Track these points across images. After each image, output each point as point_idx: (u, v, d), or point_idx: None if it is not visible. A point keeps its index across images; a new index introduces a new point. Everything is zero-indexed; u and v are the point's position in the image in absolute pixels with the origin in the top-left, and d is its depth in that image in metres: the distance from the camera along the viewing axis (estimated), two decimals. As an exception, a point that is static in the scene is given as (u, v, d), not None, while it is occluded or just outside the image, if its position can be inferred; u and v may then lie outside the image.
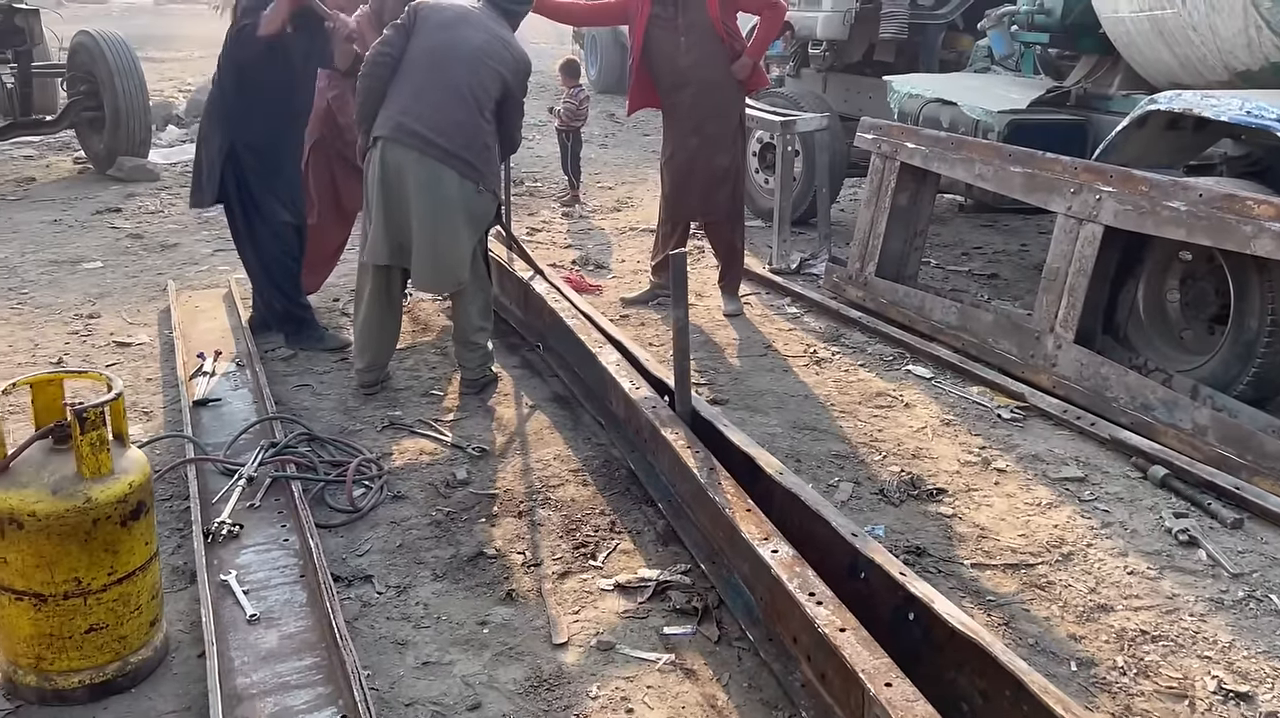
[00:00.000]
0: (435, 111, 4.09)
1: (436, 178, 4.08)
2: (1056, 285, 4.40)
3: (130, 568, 2.51)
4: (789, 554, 2.65)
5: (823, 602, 2.44)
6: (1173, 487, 3.62)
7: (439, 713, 2.52)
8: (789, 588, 2.50)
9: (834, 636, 2.30)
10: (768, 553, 2.65)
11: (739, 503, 2.91)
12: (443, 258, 4.18)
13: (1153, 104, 4.38)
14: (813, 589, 2.49)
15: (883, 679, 2.15)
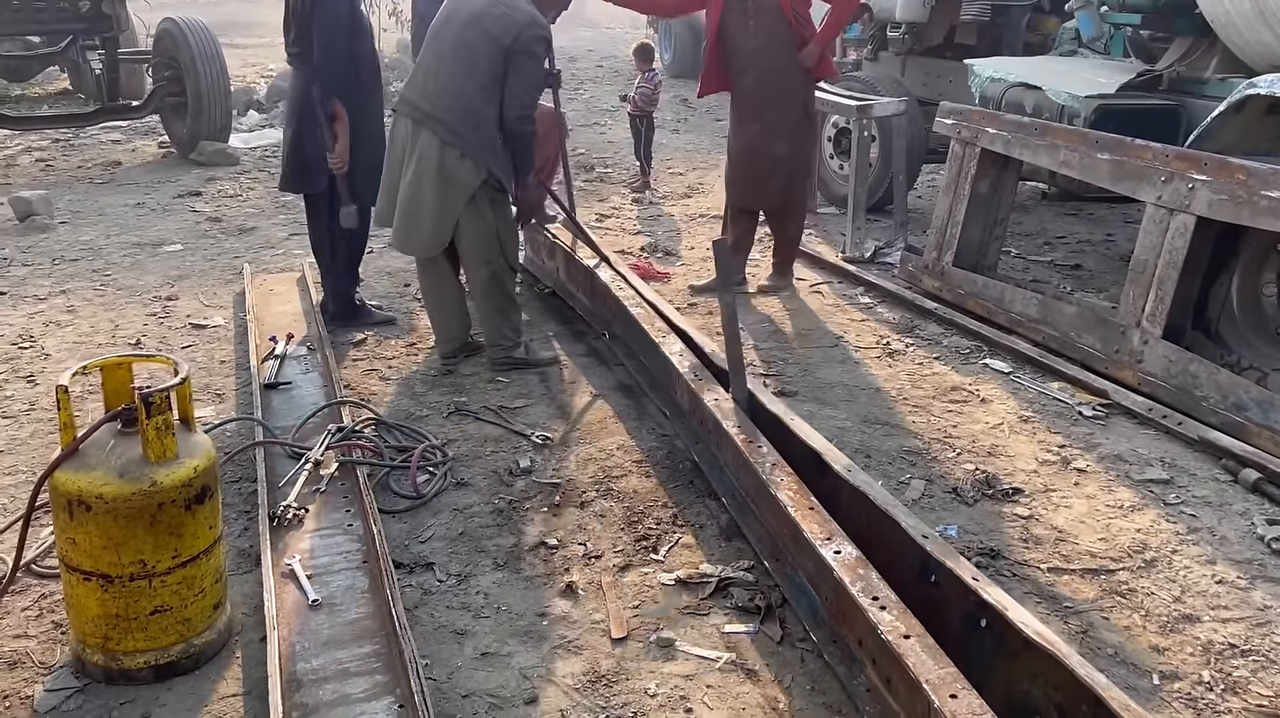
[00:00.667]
0: (427, 79, 4.26)
1: (419, 142, 4.21)
2: (1144, 278, 4.21)
3: (195, 551, 2.53)
4: (852, 556, 2.56)
5: (886, 606, 2.35)
6: (1266, 492, 3.44)
7: (495, 706, 2.50)
8: (852, 592, 2.42)
9: (898, 643, 2.22)
10: (830, 554, 2.57)
11: (801, 501, 2.83)
12: (410, 219, 4.29)
13: (1252, 88, 4.16)
14: (876, 593, 2.40)
15: (948, 691, 2.06)
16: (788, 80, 5.33)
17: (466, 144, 4.18)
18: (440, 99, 4.22)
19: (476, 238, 4.36)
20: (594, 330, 4.98)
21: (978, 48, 7.02)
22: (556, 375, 4.51)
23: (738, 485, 3.29)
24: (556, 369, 4.57)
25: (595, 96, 13.52)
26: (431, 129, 4.20)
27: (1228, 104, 4.29)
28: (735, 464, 3.28)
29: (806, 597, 2.77)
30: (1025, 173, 5.52)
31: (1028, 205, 7.68)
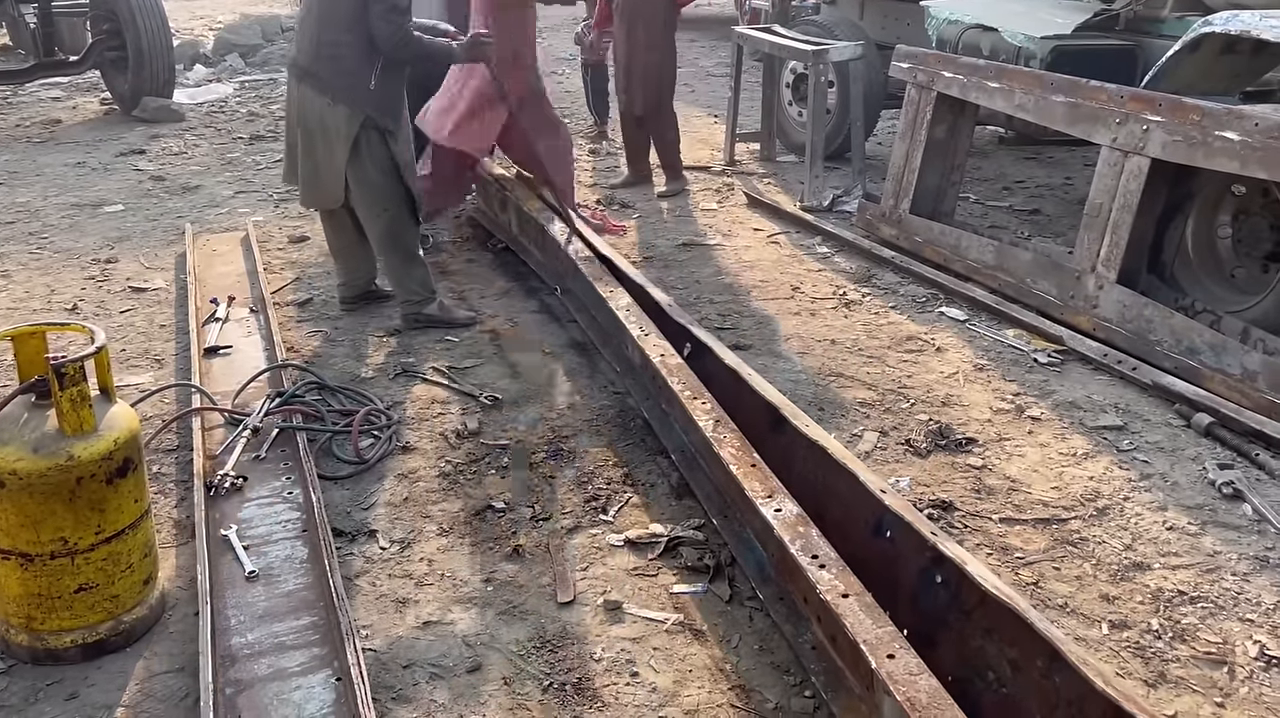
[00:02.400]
0: (301, 35, 4.26)
1: (302, 97, 4.20)
2: (1099, 222, 4.17)
3: (119, 527, 2.44)
4: (793, 513, 2.51)
5: (826, 564, 2.30)
6: (1218, 436, 3.43)
7: (437, 675, 2.44)
8: (791, 550, 2.37)
9: (836, 602, 2.17)
10: (770, 512, 2.51)
11: (744, 458, 2.77)
12: (308, 174, 4.30)
13: (1207, 25, 4.10)
14: (816, 552, 2.35)
15: (885, 651, 2.02)
16: (653, 2, 6.29)
17: (336, 91, 4.11)
18: (310, 50, 4.16)
19: (364, 188, 4.27)
20: (547, 286, 4.88)
21: (936, -11, 6.88)
22: (507, 333, 4.41)
23: (686, 441, 3.23)
24: (477, 324, 4.46)
25: (554, 45, 13.23)
26: (308, 83, 4.16)
27: (1183, 43, 4.22)
28: (684, 420, 3.22)
29: (754, 553, 2.72)
30: (982, 117, 5.43)
31: (987, 150, 7.61)
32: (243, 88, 10.58)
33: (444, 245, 5.55)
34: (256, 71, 11.44)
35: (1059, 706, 2.13)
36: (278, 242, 5.66)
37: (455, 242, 5.65)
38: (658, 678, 2.42)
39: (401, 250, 4.38)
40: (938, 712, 1.88)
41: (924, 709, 1.88)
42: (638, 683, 2.41)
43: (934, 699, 1.91)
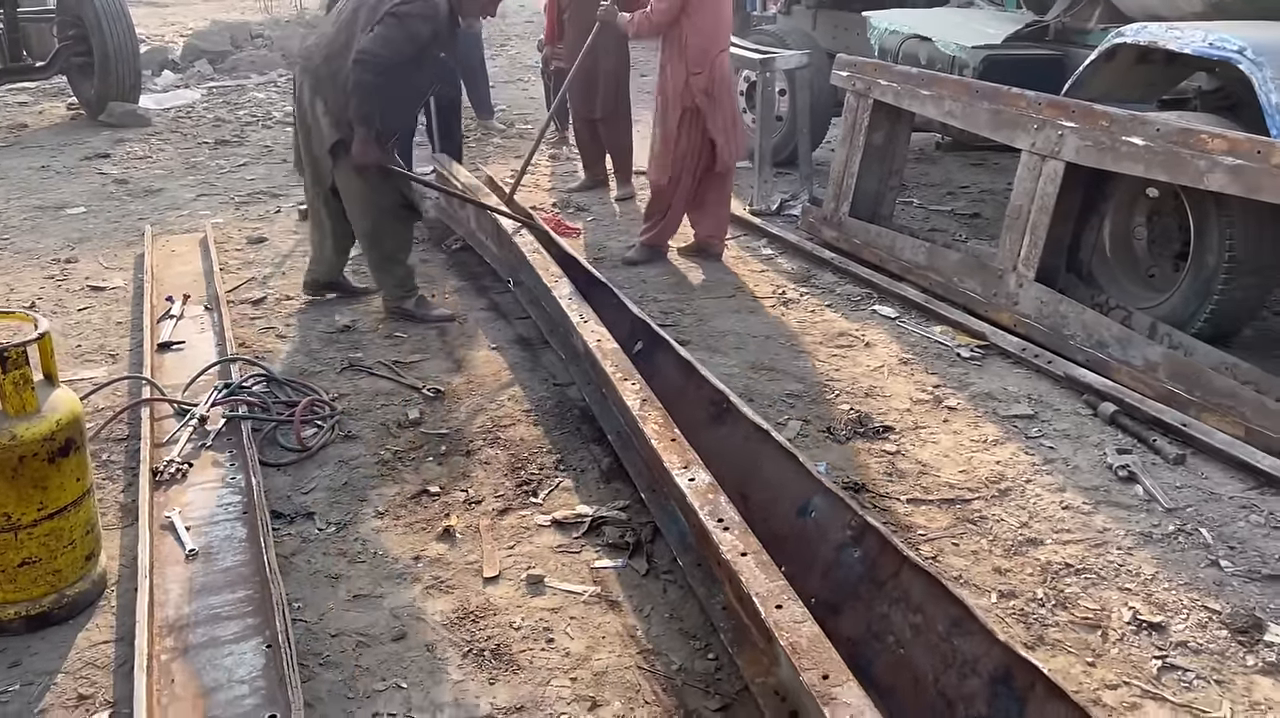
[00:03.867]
0: (321, 31, 4.52)
1: (301, 86, 4.44)
2: (1019, 223, 4.37)
3: (61, 504, 2.57)
4: (705, 482, 2.68)
5: (729, 527, 2.48)
6: (1121, 423, 3.62)
7: (364, 643, 2.58)
8: (700, 515, 2.54)
9: (735, 560, 2.35)
10: (685, 481, 2.69)
11: (665, 433, 2.95)
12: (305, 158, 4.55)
13: (1119, 37, 4.31)
14: (721, 516, 2.53)
15: (775, 602, 2.20)
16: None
17: (328, 99, 4.30)
18: (322, 50, 4.34)
19: (349, 193, 4.45)
20: (500, 281, 5.03)
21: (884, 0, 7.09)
22: (455, 330, 4.56)
23: (621, 423, 3.40)
24: (454, 325, 4.62)
25: (521, 53, 13.42)
26: (308, 78, 4.37)
27: (1098, 53, 4.43)
28: (616, 401, 3.38)
29: (676, 524, 2.88)
30: (919, 124, 5.63)
31: (935, 157, 7.82)
32: (210, 94, 10.68)
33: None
34: (225, 78, 11.54)
35: (953, 664, 2.31)
36: (236, 243, 5.79)
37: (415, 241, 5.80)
38: (572, 644, 2.58)
39: (379, 251, 4.57)
40: (816, 655, 2.06)
41: (804, 653, 2.07)
42: (553, 648, 2.56)
43: (814, 644, 2.10)
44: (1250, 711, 2.34)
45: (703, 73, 5.10)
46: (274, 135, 8.68)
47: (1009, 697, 2.20)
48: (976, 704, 2.25)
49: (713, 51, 5.12)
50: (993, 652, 2.24)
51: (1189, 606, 2.69)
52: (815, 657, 2.06)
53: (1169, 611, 2.67)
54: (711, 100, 5.15)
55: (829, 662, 2.05)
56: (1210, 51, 3.90)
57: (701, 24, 5.07)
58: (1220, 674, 2.45)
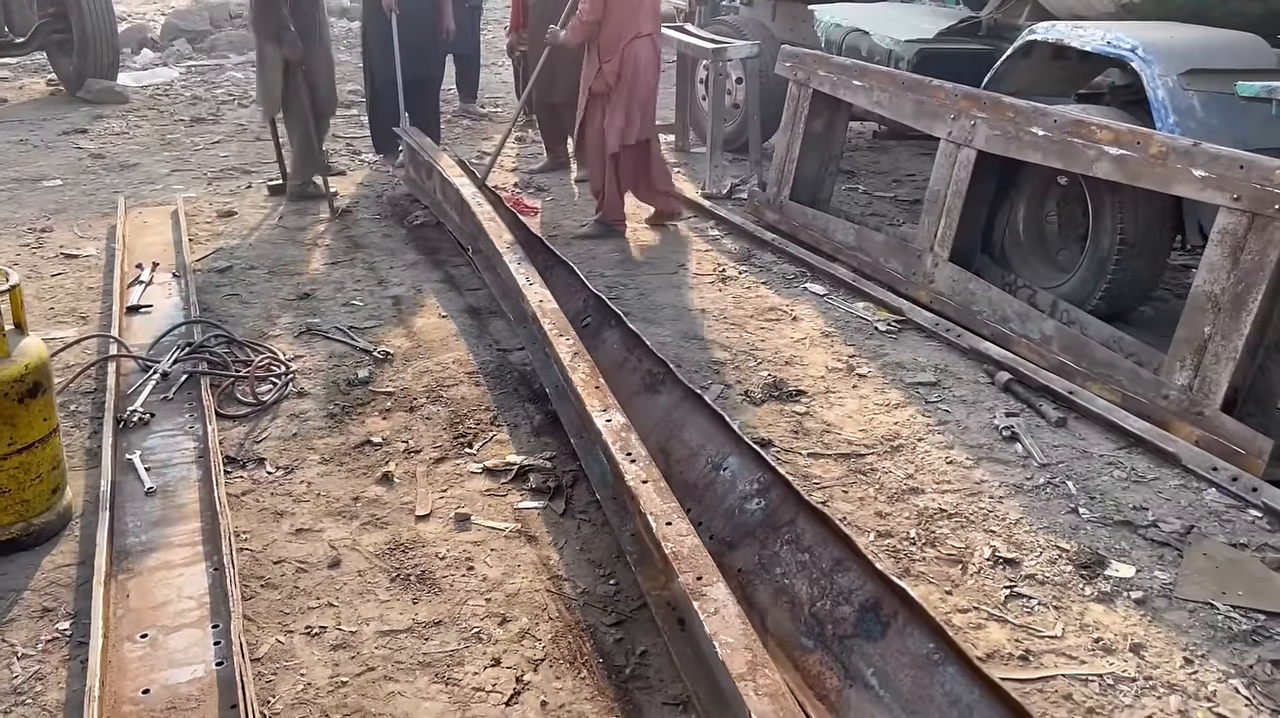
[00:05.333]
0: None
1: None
2: (936, 207, 4.68)
3: (29, 440, 2.85)
4: (620, 423, 3.01)
5: (636, 460, 2.80)
6: (1013, 390, 3.94)
7: (302, 569, 2.88)
8: (612, 449, 2.85)
9: (637, 487, 2.68)
10: (602, 421, 3.01)
11: (591, 381, 3.27)
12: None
13: (1031, 34, 4.61)
14: (630, 450, 2.85)
15: (665, 519, 2.52)
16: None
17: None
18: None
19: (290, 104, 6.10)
20: (456, 255, 5.32)
21: (839, -7, 7.38)
22: (409, 299, 4.84)
23: (558, 377, 3.69)
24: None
25: (496, 37, 13.62)
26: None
27: (1014, 49, 4.74)
28: (554, 356, 3.68)
29: (598, 464, 3.19)
30: (859, 113, 5.93)
31: (888, 147, 8.13)
32: (189, 72, 10.89)
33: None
34: (203, 57, 11.74)
35: (829, 593, 2.62)
36: (206, 216, 6.05)
37: (378, 218, 6.08)
38: (490, 571, 2.88)
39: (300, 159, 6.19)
40: (693, 561, 2.40)
41: (684, 559, 2.42)
42: (472, 575, 2.86)
43: (692, 553, 2.44)
44: (1080, 631, 2.67)
45: (612, 59, 5.43)
46: (249, 114, 8.91)
47: (874, 621, 2.51)
48: (844, 626, 2.57)
49: (624, 38, 5.43)
50: (866, 585, 2.55)
51: (1044, 545, 3.01)
52: (692, 562, 2.39)
53: (1024, 549, 2.99)
54: (619, 83, 5.47)
55: (704, 567, 2.38)
56: (1108, 49, 4.21)
57: (616, 15, 5.38)
58: (1059, 602, 2.78)
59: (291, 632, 2.62)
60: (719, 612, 2.21)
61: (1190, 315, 3.55)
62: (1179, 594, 2.80)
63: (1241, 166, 3.38)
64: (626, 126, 5.54)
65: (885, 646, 2.36)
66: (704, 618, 2.19)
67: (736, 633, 2.14)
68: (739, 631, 2.15)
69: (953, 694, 2.16)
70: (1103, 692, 2.46)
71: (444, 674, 2.48)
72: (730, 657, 2.06)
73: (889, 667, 2.31)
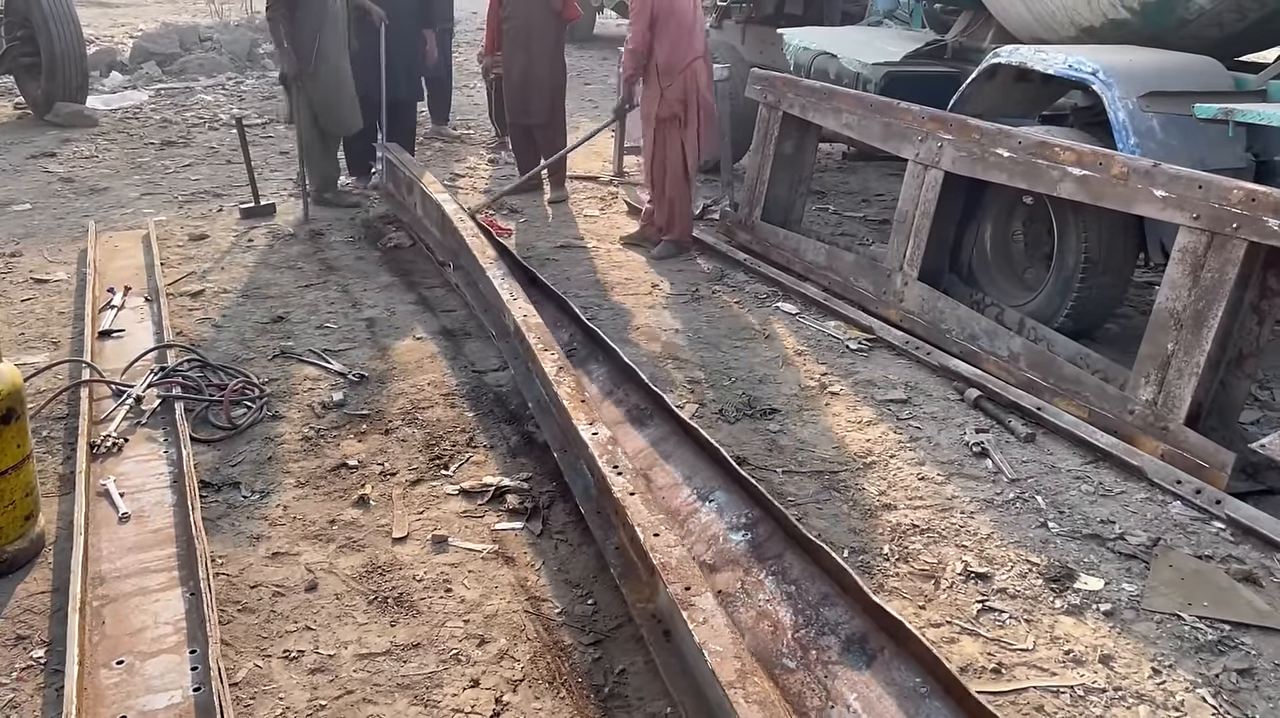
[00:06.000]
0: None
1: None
2: (905, 227, 4.75)
3: (3, 467, 2.84)
4: (606, 435, 3.05)
5: (622, 472, 2.85)
6: (983, 407, 4.00)
7: (279, 593, 2.88)
8: (599, 462, 2.88)
9: (624, 498, 2.73)
10: (589, 434, 3.05)
11: (576, 395, 3.30)
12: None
13: (995, 57, 4.71)
14: (617, 463, 2.89)
15: (653, 530, 2.58)
16: (545, 20, 6.82)
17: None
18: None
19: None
20: (430, 277, 5.34)
21: (804, 17, 7.51)
22: (383, 321, 4.85)
23: (541, 393, 3.72)
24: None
25: (469, 60, 13.69)
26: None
27: (979, 71, 4.84)
28: (537, 370, 3.70)
29: (582, 478, 3.23)
30: (827, 135, 6.01)
31: (856, 168, 8.24)
32: (158, 95, 10.85)
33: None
34: (173, 80, 11.70)
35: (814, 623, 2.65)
36: (178, 239, 6.03)
37: (351, 240, 6.10)
38: (468, 593, 2.89)
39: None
40: (682, 571, 2.45)
41: (672, 570, 2.47)
42: (450, 597, 2.87)
43: (680, 564, 2.48)
44: (1050, 644, 2.71)
45: (674, 84, 5.56)
46: (219, 137, 8.89)
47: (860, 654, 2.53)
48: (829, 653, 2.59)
49: (683, 62, 5.54)
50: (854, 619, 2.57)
51: (1014, 559, 3.06)
52: (680, 573, 2.44)
53: (996, 563, 3.04)
54: (687, 108, 5.62)
55: (692, 578, 2.43)
56: (1069, 73, 4.31)
57: (670, 40, 5.51)
58: (1030, 615, 2.82)
59: (269, 656, 2.62)
60: (708, 621, 2.24)
61: (1153, 332, 3.63)
62: (1146, 606, 2.86)
63: (1200, 186, 3.47)
64: (702, 147, 5.75)
65: (871, 674, 2.39)
66: (693, 627, 2.22)
67: (726, 642, 2.18)
68: (728, 639, 2.19)
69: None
70: (1073, 703, 2.50)
71: (423, 697, 2.49)
72: (720, 665, 2.10)
73: (873, 694, 2.34)
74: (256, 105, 10.36)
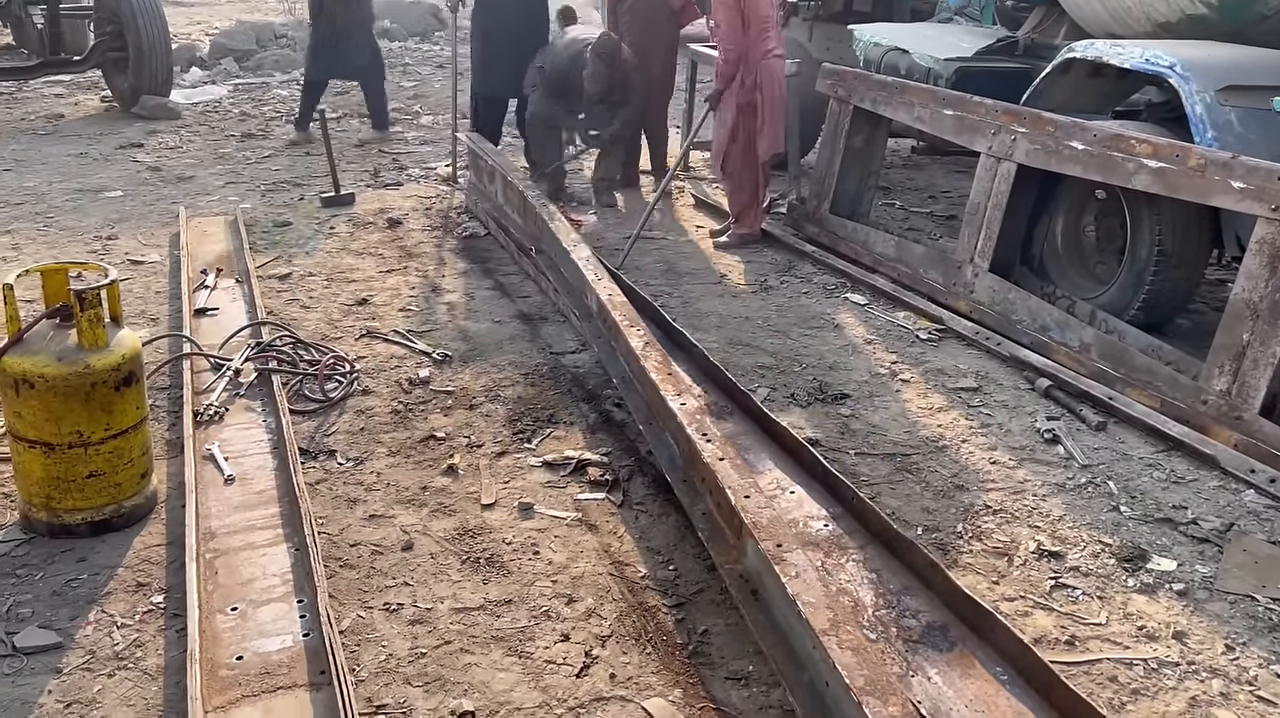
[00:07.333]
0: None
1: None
2: (976, 219, 4.80)
3: (124, 426, 3.03)
4: (694, 406, 3.16)
5: (711, 440, 2.96)
6: (1054, 396, 4.05)
7: (377, 552, 3.03)
8: (688, 430, 3.01)
9: (714, 463, 2.84)
10: (677, 405, 3.16)
11: (664, 368, 3.43)
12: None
13: (1070, 52, 4.74)
14: (706, 431, 3.00)
15: (743, 493, 2.70)
16: (665, 21, 7.06)
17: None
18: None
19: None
20: (505, 264, 5.50)
21: (873, 14, 7.56)
22: (462, 306, 5.01)
23: (625, 369, 3.84)
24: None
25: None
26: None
27: (1052, 66, 4.87)
28: (622, 348, 3.82)
29: (667, 449, 3.32)
30: (898, 129, 6.07)
31: (923, 164, 8.27)
32: (236, 90, 11.18)
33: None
34: (250, 75, 12.05)
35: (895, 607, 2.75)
36: (263, 225, 6.26)
37: (428, 228, 6.28)
38: (555, 556, 3.02)
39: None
40: (773, 530, 2.56)
41: (764, 528, 2.57)
42: (538, 559, 3.00)
43: (771, 523, 2.59)
44: (1124, 620, 2.77)
45: (752, 74, 5.74)
46: (297, 130, 9.15)
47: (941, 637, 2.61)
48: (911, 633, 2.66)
49: (754, 56, 5.70)
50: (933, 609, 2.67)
51: (1087, 540, 3.12)
52: (772, 532, 2.55)
53: (1068, 543, 3.10)
54: (763, 98, 5.75)
55: (783, 535, 2.53)
56: (1146, 67, 4.34)
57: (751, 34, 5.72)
58: (1103, 592, 2.88)
59: (371, 608, 2.77)
60: (800, 575, 2.35)
61: (1229, 323, 3.65)
62: (1220, 587, 2.90)
63: (1279, 178, 3.49)
64: (772, 142, 5.87)
65: (951, 657, 2.48)
66: (785, 581, 2.33)
67: (818, 594, 2.28)
68: (820, 592, 2.29)
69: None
70: (1147, 675, 2.56)
71: (517, 648, 2.62)
72: (813, 615, 2.20)
73: (953, 675, 2.42)
74: (330, 100, 10.63)
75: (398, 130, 9.13)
